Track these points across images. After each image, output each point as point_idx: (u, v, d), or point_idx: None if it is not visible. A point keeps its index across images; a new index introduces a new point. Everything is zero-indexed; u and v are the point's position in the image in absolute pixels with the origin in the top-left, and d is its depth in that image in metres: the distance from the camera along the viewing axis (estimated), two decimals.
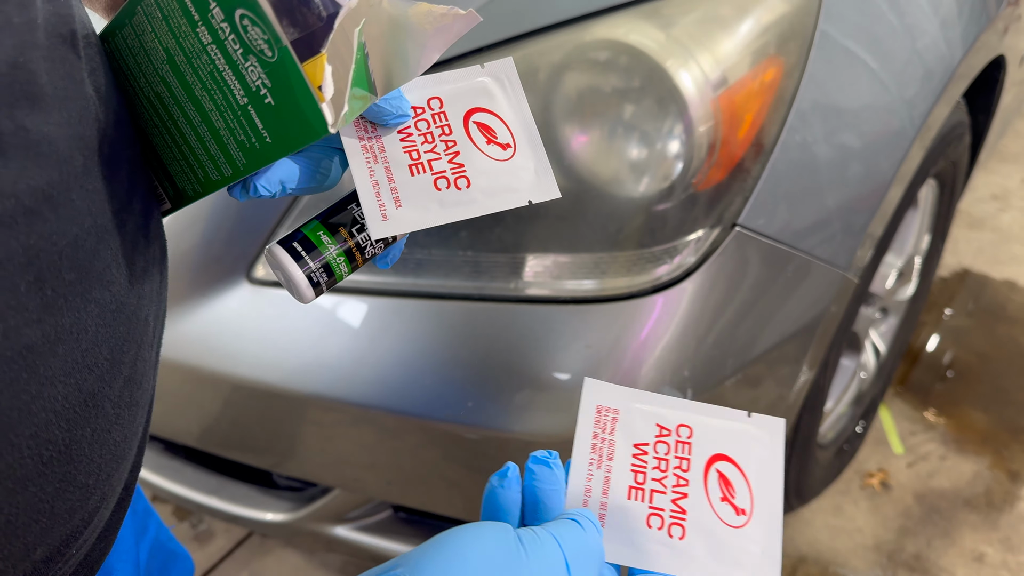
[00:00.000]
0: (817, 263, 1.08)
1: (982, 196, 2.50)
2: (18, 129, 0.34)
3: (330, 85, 0.37)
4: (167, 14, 0.39)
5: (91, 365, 0.39)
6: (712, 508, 0.44)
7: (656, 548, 0.43)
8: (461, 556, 0.37)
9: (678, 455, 0.44)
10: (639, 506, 0.44)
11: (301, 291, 0.46)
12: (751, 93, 0.96)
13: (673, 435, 0.45)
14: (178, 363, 1.03)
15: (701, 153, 0.93)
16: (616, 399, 0.45)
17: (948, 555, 1.55)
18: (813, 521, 1.61)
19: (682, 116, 0.92)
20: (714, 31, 0.95)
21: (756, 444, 0.45)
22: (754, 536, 0.44)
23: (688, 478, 0.44)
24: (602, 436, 0.45)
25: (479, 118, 0.47)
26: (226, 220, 1.01)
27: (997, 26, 1.39)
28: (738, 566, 0.43)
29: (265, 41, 0.36)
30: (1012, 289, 2.16)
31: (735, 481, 0.44)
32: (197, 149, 0.42)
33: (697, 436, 0.45)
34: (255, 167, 0.41)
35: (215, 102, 0.40)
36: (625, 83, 0.93)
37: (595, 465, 0.45)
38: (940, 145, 1.35)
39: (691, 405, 0.46)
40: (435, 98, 0.46)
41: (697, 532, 0.43)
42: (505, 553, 0.37)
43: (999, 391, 1.87)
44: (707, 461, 0.44)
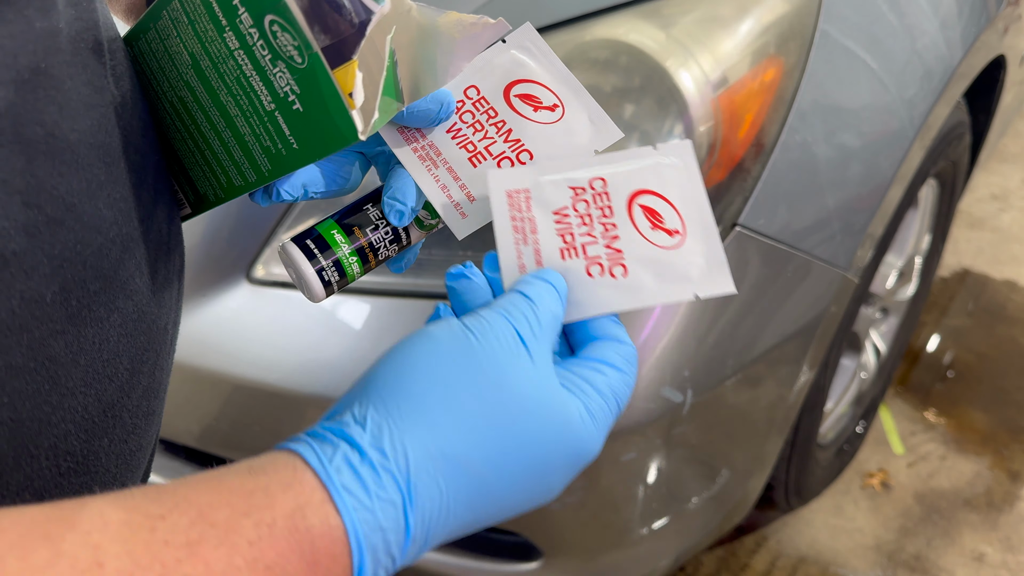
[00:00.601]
0: (817, 263, 1.08)
1: (982, 196, 2.50)
2: (47, 136, 0.33)
3: (360, 92, 0.36)
4: (193, 19, 0.39)
5: (111, 376, 0.39)
6: (646, 238, 0.43)
7: (604, 292, 0.43)
8: (410, 362, 0.36)
9: (599, 205, 0.44)
10: (575, 262, 0.43)
11: (312, 289, 0.46)
12: (751, 93, 0.96)
13: (588, 191, 0.44)
14: (178, 363, 1.02)
15: (701, 153, 0.93)
16: (523, 179, 0.45)
17: (948, 555, 1.55)
18: (813, 521, 1.61)
19: (682, 116, 0.92)
20: (714, 31, 0.95)
21: (670, 170, 0.45)
22: (694, 249, 0.44)
23: (615, 221, 0.43)
24: (520, 216, 0.44)
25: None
26: (226, 220, 1.00)
27: (997, 26, 1.39)
28: (687, 280, 0.43)
29: (295, 47, 0.36)
30: (1012, 289, 2.16)
31: (660, 208, 0.44)
32: (221, 154, 0.42)
33: (611, 184, 0.44)
34: (280, 173, 0.40)
35: (241, 107, 0.39)
36: (625, 83, 0.93)
37: (521, 243, 0.43)
38: (940, 145, 1.35)
39: (598, 159, 0.45)
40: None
41: (638, 263, 0.43)
42: (453, 345, 0.36)
43: (999, 391, 1.87)
44: (628, 199, 0.44)
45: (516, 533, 1.10)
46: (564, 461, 0.37)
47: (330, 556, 0.32)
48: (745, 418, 1.14)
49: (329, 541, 0.32)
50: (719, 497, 1.19)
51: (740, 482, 1.21)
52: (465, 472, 0.35)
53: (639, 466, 1.02)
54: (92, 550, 0.27)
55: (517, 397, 0.36)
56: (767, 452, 1.23)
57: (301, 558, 0.31)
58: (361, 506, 0.32)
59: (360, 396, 0.36)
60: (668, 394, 0.97)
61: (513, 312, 0.38)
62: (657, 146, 0.45)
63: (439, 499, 0.34)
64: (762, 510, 1.59)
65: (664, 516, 1.10)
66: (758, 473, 1.25)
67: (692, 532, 1.18)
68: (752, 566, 1.54)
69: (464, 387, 0.35)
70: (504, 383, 0.36)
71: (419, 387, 0.35)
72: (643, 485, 1.04)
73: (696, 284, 0.43)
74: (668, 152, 0.45)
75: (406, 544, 0.33)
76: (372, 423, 0.34)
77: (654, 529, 1.10)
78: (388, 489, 0.33)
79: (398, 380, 0.36)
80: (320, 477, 0.32)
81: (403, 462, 0.34)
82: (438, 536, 0.35)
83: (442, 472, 0.34)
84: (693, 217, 0.44)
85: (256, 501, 0.31)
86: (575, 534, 1.06)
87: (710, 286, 0.43)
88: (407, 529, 0.33)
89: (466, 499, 0.35)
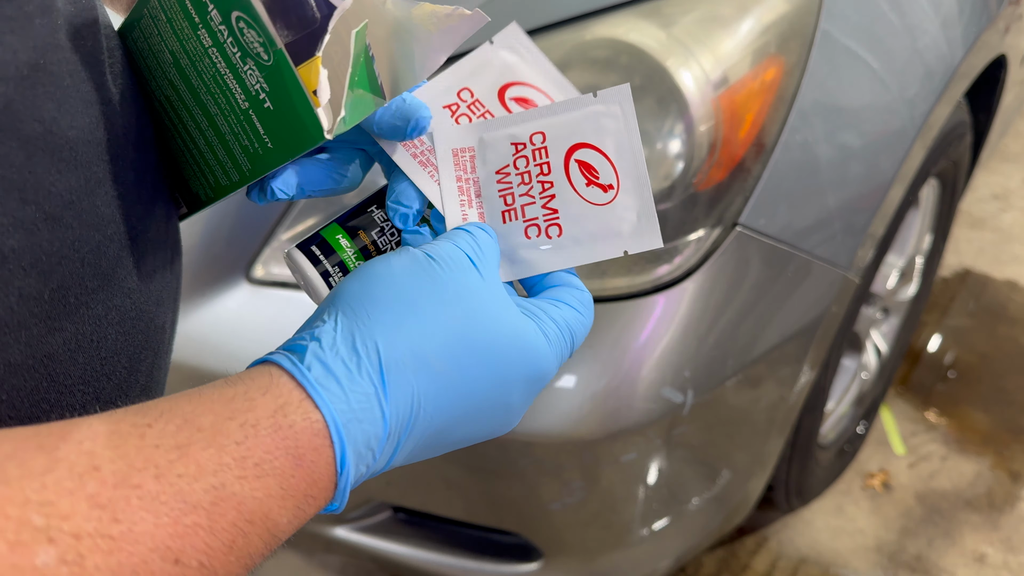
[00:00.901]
0: (818, 263, 1.08)
1: (983, 196, 2.50)
2: (45, 133, 0.33)
3: (326, 89, 0.36)
4: (170, 16, 0.38)
5: (109, 373, 0.39)
6: (580, 196, 0.44)
7: (539, 254, 0.44)
8: (376, 276, 0.38)
9: (537, 162, 0.45)
10: (515, 224, 0.45)
11: (320, 294, 0.46)
12: (752, 92, 0.95)
13: (528, 146, 0.45)
14: (177, 363, 1.02)
15: (702, 153, 0.93)
16: (467, 137, 0.46)
17: (949, 556, 1.54)
18: (814, 522, 1.61)
19: (682, 115, 0.91)
20: (715, 30, 0.95)
21: (608, 119, 0.45)
22: (626, 203, 0.45)
23: (552, 180, 0.45)
24: (464, 177, 0.45)
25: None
26: (225, 219, 1.00)
27: (998, 25, 1.38)
28: (618, 236, 0.44)
29: (261, 44, 0.36)
30: (1013, 289, 2.16)
31: (595, 163, 0.45)
32: (207, 153, 0.42)
33: (550, 137, 0.45)
34: (260, 173, 0.40)
35: (219, 106, 0.39)
36: (625, 82, 0.92)
37: (466, 205, 0.45)
38: (941, 144, 1.35)
39: (540, 111, 0.46)
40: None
41: (571, 223, 0.44)
42: (412, 263, 0.39)
43: (1000, 391, 1.87)
44: (565, 155, 0.45)
45: (516, 533, 1.09)
46: (521, 374, 0.39)
47: (313, 449, 0.33)
48: (746, 419, 1.14)
49: (311, 435, 0.33)
50: (720, 498, 1.19)
51: (741, 483, 1.21)
52: (432, 370, 0.36)
53: (639, 467, 1.02)
54: (87, 456, 0.28)
55: (475, 305, 0.38)
56: (768, 453, 1.23)
57: (287, 453, 0.32)
58: (338, 399, 0.34)
59: (328, 307, 0.38)
60: (668, 395, 0.97)
61: (458, 239, 0.41)
62: (597, 93, 0.46)
63: (410, 394, 0.36)
64: (763, 511, 1.58)
65: (665, 517, 1.10)
66: (759, 474, 1.25)
67: (693, 533, 1.18)
68: (753, 567, 1.53)
69: (426, 296, 0.38)
70: (462, 293, 0.38)
71: (384, 296, 0.37)
72: (643, 486, 1.04)
73: (627, 240, 0.45)
74: (607, 99, 0.46)
75: (384, 436, 0.35)
76: (342, 326, 0.36)
77: (654, 530, 1.09)
78: (362, 382, 0.35)
79: (364, 290, 0.38)
80: (296, 378, 0.34)
81: (375, 357, 0.35)
82: (408, 440, 0.37)
83: (411, 368, 0.36)
84: (628, 170, 0.45)
85: (238, 405, 0.32)
86: (575, 535, 1.06)
87: (640, 242, 0.45)
88: (384, 419, 0.35)
89: (433, 398, 0.37)
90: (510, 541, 1.12)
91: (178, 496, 0.29)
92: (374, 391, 0.35)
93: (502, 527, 1.09)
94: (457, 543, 1.15)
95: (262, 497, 0.31)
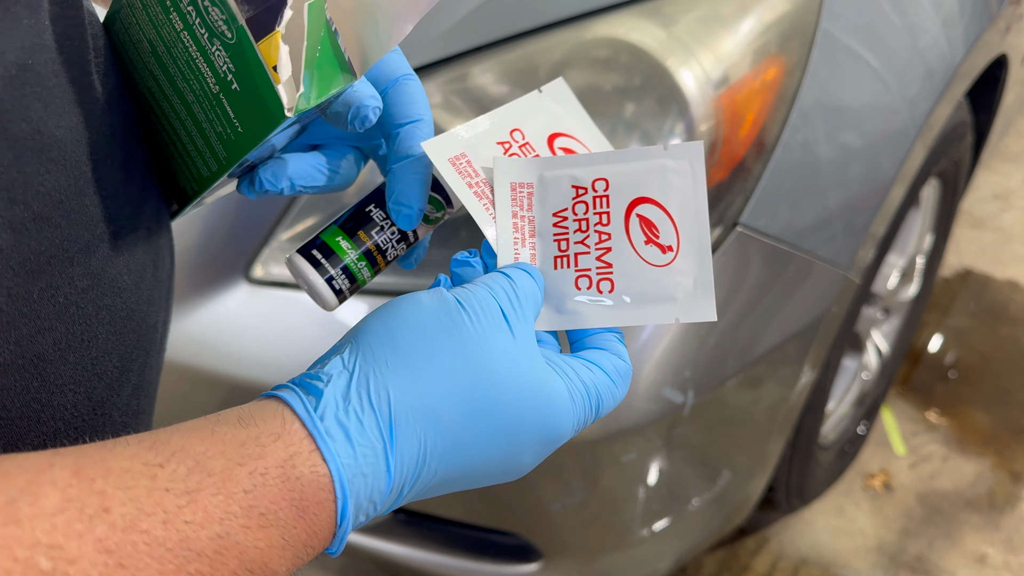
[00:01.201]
0: (819, 263, 1.08)
1: (984, 196, 2.49)
2: (33, 132, 0.33)
3: (286, 65, 0.35)
4: (145, 3, 0.38)
5: (100, 373, 0.39)
6: (637, 254, 0.43)
7: (587, 307, 0.43)
8: (401, 318, 0.38)
9: (597, 211, 0.43)
10: (566, 272, 0.43)
11: (325, 299, 0.46)
12: (752, 92, 0.95)
13: (590, 192, 0.43)
14: (176, 363, 1.02)
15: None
16: (528, 172, 0.44)
17: (950, 556, 1.54)
18: (815, 522, 1.61)
19: (683, 115, 0.91)
20: (715, 29, 0.94)
21: (676, 176, 0.43)
22: (684, 269, 0.43)
23: (610, 231, 0.43)
24: (520, 214, 0.44)
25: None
26: (224, 219, 1.00)
27: (999, 25, 1.38)
28: (672, 301, 0.43)
29: (224, 21, 0.35)
30: (1014, 289, 2.15)
31: (657, 220, 0.43)
32: (188, 144, 0.41)
33: (614, 186, 0.43)
34: (234, 160, 0.39)
35: (194, 93, 0.38)
36: (626, 82, 0.92)
37: (519, 244, 0.44)
38: (942, 144, 1.35)
39: (605, 156, 0.44)
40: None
41: (625, 280, 0.43)
42: (440, 309, 0.38)
43: (1001, 392, 1.87)
44: (627, 208, 0.43)
45: (516, 534, 1.09)
46: (536, 434, 0.38)
47: (317, 503, 0.33)
48: (746, 419, 1.14)
49: (316, 488, 0.33)
50: (720, 498, 1.18)
51: (741, 483, 1.21)
52: (443, 427, 0.36)
53: (640, 467, 1.01)
54: (98, 496, 0.28)
55: (498, 363, 0.37)
56: (768, 453, 1.23)
57: (291, 505, 0.32)
58: (346, 453, 0.34)
59: (348, 344, 0.37)
60: (669, 395, 0.96)
61: (494, 287, 0.40)
62: (667, 146, 0.44)
63: (417, 449, 0.36)
64: (763, 511, 1.58)
65: (665, 517, 1.10)
66: (759, 474, 1.24)
67: (693, 533, 1.18)
68: (753, 567, 1.53)
69: (448, 346, 0.37)
70: (486, 349, 0.37)
71: (405, 341, 0.37)
72: (644, 486, 1.03)
73: (679, 307, 0.43)
74: (677, 154, 0.44)
75: (387, 491, 0.35)
76: (359, 370, 0.36)
77: (655, 530, 1.09)
78: (371, 436, 0.35)
79: (386, 333, 0.37)
80: (307, 426, 0.34)
81: (386, 410, 0.35)
82: (411, 489, 0.37)
83: (421, 423, 0.36)
84: (689, 233, 0.43)
85: (249, 451, 0.33)
86: (575, 535, 1.06)
87: (693, 311, 0.43)
88: (388, 475, 0.35)
89: (441, 453, 0.36)
90: (510, 542, 1.12)
91: (184, 543, 0.29)
92: (382, 446, 0.35)
93: (502, 528, 1.09)
94: (457, 544, 1.14)
95: (264, 547, 0.32)
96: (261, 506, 0.32)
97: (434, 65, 0.94)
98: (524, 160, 0.45)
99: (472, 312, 0.38)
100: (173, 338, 1.02)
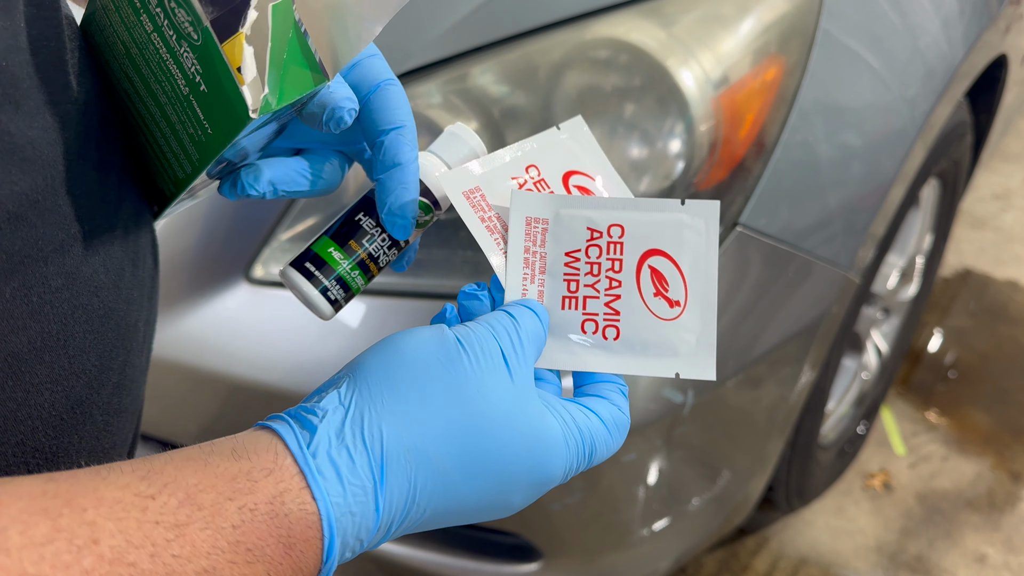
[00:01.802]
0: (819, 263, 1.08)
1: (984, 196, 2.49)
2: (3, 133, 0.33)
3: (251, 66, 0.35)
4: (118, 5, 0.38)
5: (79, 372, 0.39)
6: (645, 305, 0.44)
7: (589, 351, 0.44)
8: (399, 356, 0.38)
9: (610, 256, 0.44)
10: (573, 314, 0.44)
11: (320, 310, 0.46)
12: (752, 92, 0.95)
13: (605, 236, 0.44)
14: (176, 363, 1.02)
15: (702, 152, 0.92)
16: (544, 208, 0.45)
17: (950, 556, 1.54)
18: (815, 522, 1.61)
19: (683, 115, 0.91)
20: (715, 29, 0.94)
21: (690, 232, 0.44)
22: (689, 325, 0.44)
23: (621, 279, 0.44)
24: (533, 249, 0.44)
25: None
26: (224, 219, 1.00)
27: (999, 25, 1.38)
28: (674, 355, 0.44)
29: (190, 23, 0.35)
30: (1014, 289, 2.15)
31: (668, 274, 0.44)
32: (164, 146, 0.41)
33: (629, 234, 0.44)
34: (206, 161, 0.39)
35: (167, 95, 0.38)
36: (626, 82, 0.92)
37: (528, 280, 0.44)
38: (942, 144, 1.35)
39: (622, 202, 0.45)
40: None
41: (631, 329, 0.44)
42: (440, 348, 0.38)
43: (1001, 392, 1.87)
44: (639, 259, 0.44)
45: (516, 534, 1.09)
46: (527, 477, 0.38)
47: (304, 540, 0.34)
48: (746, 419, 1.14)
49: (305, 526, 0.33)
50: (720, 498, 1.18)
51: (741, 483, 1.21)
52: (434, 468, 0.36)
53: (640, 467, 1.01)
54: (88, 527, 0.28)
55: (494, 407, 0.38)
56: (768, 453, 1.23)
57: (279, 542, 0.33)
58: (336, 492, 0.34)
59: (345, 380, 0.38)
60: (669, 395, 0.96)
61: (497, 327, 0.40)
62: (685, 202, 0.45)
63: (407, 490, 0.36)
64: (763, 511, 1.58)
65: (665, 517, 1.10)
66: (759, 474, 1.24)
67: (693, 533, 1.18)
68: (753, 567, 1.53)
69: (444, 388, 0.37)
70: (483, 392, 0.38)
71: (403, 380, 0.37)
72: (644, 486, 1.03)
73: (681, 362, 0.44)
74: (694, 211, 0.44)
75: (374, 529, 0.36)
76: (355, 407, 0.36)
77: (655, 530, 1.09)
78: (362, 476, 0.35)
79: (384, 370, 0.38)
80: (299, 463, 0.34)
81: (378, 449, 0.35)
82: (399, 527, 0.37)
83: (413, 463, 0.36)
84: (697, 291, 0.44)
85: (239, 486, 0.33)
86: (575, 535, 1.06)
87: (694, 369, 0.44)
88: (376, 514, 0.35)
89: (430, 494, 0.37)
90: (510, 541, 1.12)
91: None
92: (372, 485, 0.35)
93: (502, 528, 1.09)
94: (457, 543, 1.14)
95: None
96: (248, 542, 0.32)
97: (434, 65, 0.94)
98: (542, 195, 0.45)
99: (472, 353, 0.38)
100: (173, 338, 1.02)
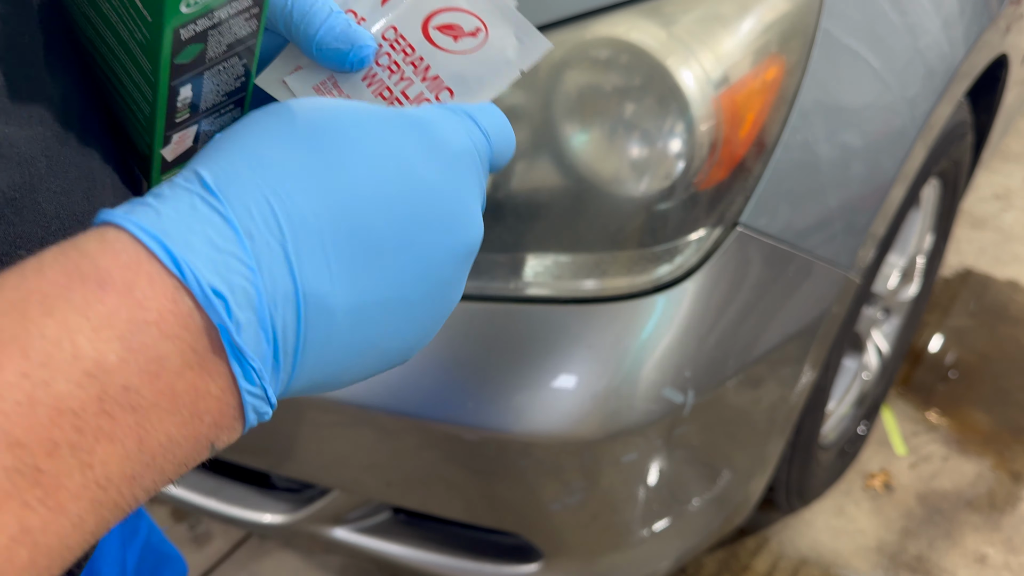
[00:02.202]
0: (819, 263, 1.08)
1: (984, 196, 2.49)
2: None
3: None
4: None
5: None
6: (453, 53, 0.43)
7: None
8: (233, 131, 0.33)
9: (400, 49, 0.43)
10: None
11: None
12: (753, 92, 0.95)
13: (384, 44, 0.43)
14: None
15: (702, 152, 0.92)
16: (318, 72, 0.44)
17: (950, 556, 1.54)
18: (815, 522, 1.61)
19: (683, 115, 0.91)
20: (715, 29, 0.94)
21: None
22: (500, 34, 0.44)
23: (420, 55, 0.43)
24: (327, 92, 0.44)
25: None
26: None
27: (999, 25, 1.38)
28: (507, 64, 0.43)
29: None
30: (1015, 289, 2.15)
31: (455, 19, 0.44)
32: (127, 83, 0.38)
33: (401, 26, 0.44)
34: (158, 69, 0.35)
35: (121, 17, 0.35)
36: (626, 81, 0.92)
37: None
38: (943, 144, 1.35)
39: (388, 8, 0.44)
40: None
41: (457, 81, 0.43)
42: (280, 107, 0.34)
43: (1002, 392, 1.87)
44: (422, 31, 0.43)
45: (516, 534, 1.09)
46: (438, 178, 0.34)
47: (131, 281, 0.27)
48: (746, 419, 1.14)
49: (170, 297, 0.27)
50: (720, 498, 1.18)
51: (741, 483, 1.21)
52: (306, 228, 0.29)
53: (640, 467, 1.01)
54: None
55: (346, 121, 0.34)
56: (768, 453, 1.23)
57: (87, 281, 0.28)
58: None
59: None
60: (669, 395, 0.96)
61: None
62: None
63: (277, 244, 0.29)
64: (764, 511, 1.58)
65: (665, 517, 1.09)
66: (759, 474, 1.24)
67: (693, 533, 1.18)
68: (753, 567, 1.53)
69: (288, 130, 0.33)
70: (328, 115, 0.34)
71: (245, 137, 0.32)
72: (644, 486, 1.03)
73: (517, 61, 0.43)
74: None
75: (254, 277, 0.28)
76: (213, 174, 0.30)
77: (655, 530, 1.09)
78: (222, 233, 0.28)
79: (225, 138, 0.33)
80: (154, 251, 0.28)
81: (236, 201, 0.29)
82: (292, 315, 0.29)
83: (278, 209, 0.29)
84: (486, 8, 0.44)
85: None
86: (575, 535, 1.06)
87: (529, 55, 0.43)
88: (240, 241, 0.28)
89: (311, 258, 0.29)
90: (510, 542, 1.12)
91: None
92: (233, 236, 0.28)
93: (502, 528, 1.09)
94: (457, 544, 1.14)
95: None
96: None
97: None
98: (304, 70, 0.44)
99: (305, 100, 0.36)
100: None
